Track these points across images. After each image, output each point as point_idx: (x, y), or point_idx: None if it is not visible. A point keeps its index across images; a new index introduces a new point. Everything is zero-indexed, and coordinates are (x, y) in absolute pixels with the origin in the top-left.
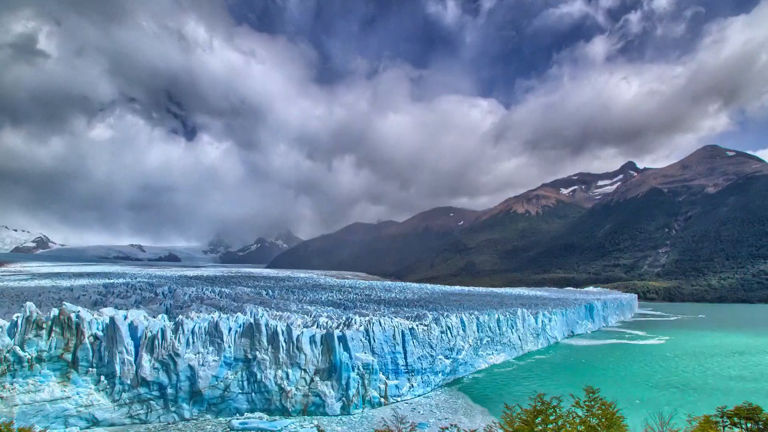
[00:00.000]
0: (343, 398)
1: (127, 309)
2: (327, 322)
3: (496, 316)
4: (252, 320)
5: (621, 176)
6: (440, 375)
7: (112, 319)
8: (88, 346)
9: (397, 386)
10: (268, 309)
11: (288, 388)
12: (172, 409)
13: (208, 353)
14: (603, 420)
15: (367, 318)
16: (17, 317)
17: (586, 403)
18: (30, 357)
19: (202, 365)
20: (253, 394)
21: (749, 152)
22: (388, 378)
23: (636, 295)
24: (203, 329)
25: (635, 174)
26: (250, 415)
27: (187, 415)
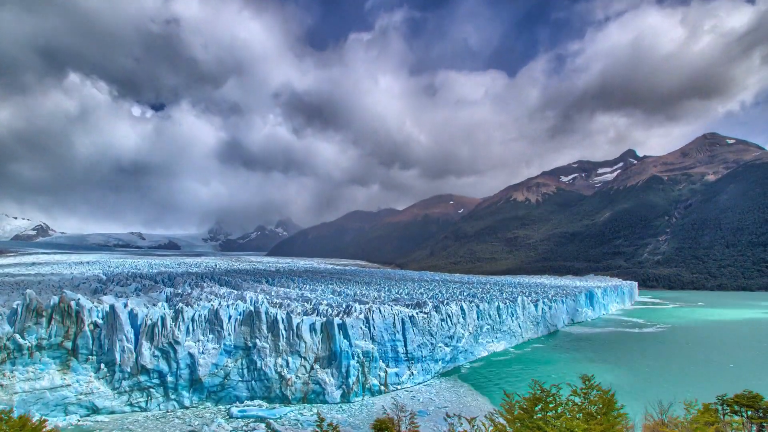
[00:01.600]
0: (343, 386)
1: (127, 297)
2: (327, 310)
3: (496, 303)
4: (252, 308)
5: (621, 164)
6: (440, 363)
7: (112, 306)
8: (88, 333)
9: (397, 374)
10: (268, 297)
11: (288, 376)
12: (172, 396)
13: (208, 341)
14: (601, 407)
15: (367, 306)
16: (17, 305)
17: (583, 390)
18: (30, 345)
19: (202, 353)
20: (252, 382)
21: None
22: (388, 366)
23: (636, 283)
24: (203, 317)
25: (635, 162)
26: (249, 402)
27: (186, 402)
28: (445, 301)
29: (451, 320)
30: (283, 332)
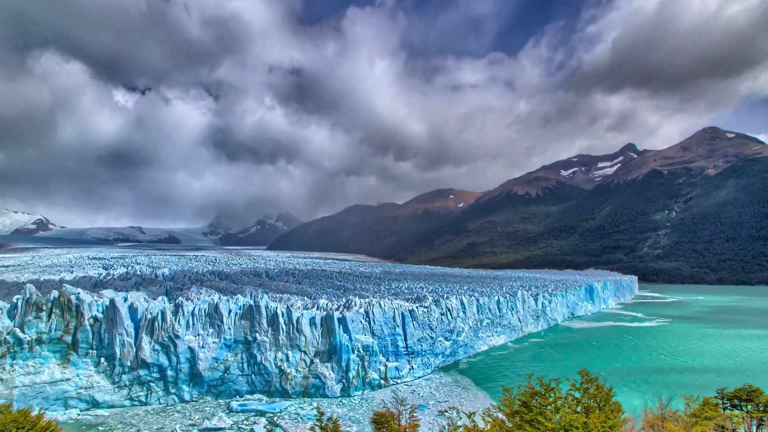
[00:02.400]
0: (343, 380)
1: (127, 291)
2: (327, 304)
3: (496, 297)
4: (252, 302)
5: (621, 158)
6: (440, 357)
7: (112, 301)
8: (88, 328)
9: (397, 368)
10: (268, 291)
11: (288, 370)
12: (172, 391)
13: (208, 335)
14: (600, 401)
15: (367, 300)
16: (17, 299)
17: (583, 385)
18: (30, 339)
19: (202, 347)
20: (252, 376)
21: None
22: (388, 360)
23: (636, 277)
24: (203, 311)
25: (635, 156)
26: (249, 397)
27: (186, 397)
28: (445, 295)
29: (451, 314)
30: (283, 326)
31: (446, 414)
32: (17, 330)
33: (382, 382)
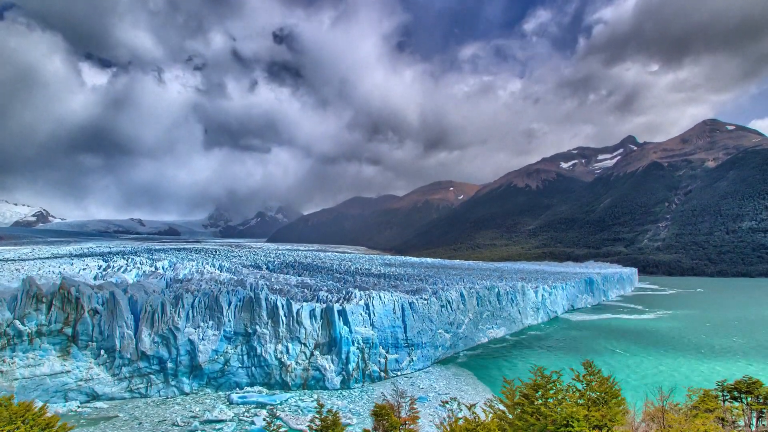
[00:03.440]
0: (343, 372)
1: (127, 283)
2: (327, 296)
3: (497, 290)
4: (252, 294)
5: (621, 150)
6: (440, 349)
7: (112, 293)
8: (88, 320)
9: (397, 360)
10: (268, 283)
11: (288, 363)
12: (172, 383)
13: (207, 327)
14: (603, 394)
15: (367, 292)
16: (17, 291)
17: (586, 377)
18: (30, 331)
19: (202, 339)
20: (252, 368)
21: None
22: (388, 352)
23: (636, 269)
24: (203, 303)
25: (635, 148)
26: (249, 389)
27: (186, 389)
28: (445, 288)
29: (451, 306)
30: (283, 318)
31: (447, 406)
32: (17, 322)
33: (382, 374)
